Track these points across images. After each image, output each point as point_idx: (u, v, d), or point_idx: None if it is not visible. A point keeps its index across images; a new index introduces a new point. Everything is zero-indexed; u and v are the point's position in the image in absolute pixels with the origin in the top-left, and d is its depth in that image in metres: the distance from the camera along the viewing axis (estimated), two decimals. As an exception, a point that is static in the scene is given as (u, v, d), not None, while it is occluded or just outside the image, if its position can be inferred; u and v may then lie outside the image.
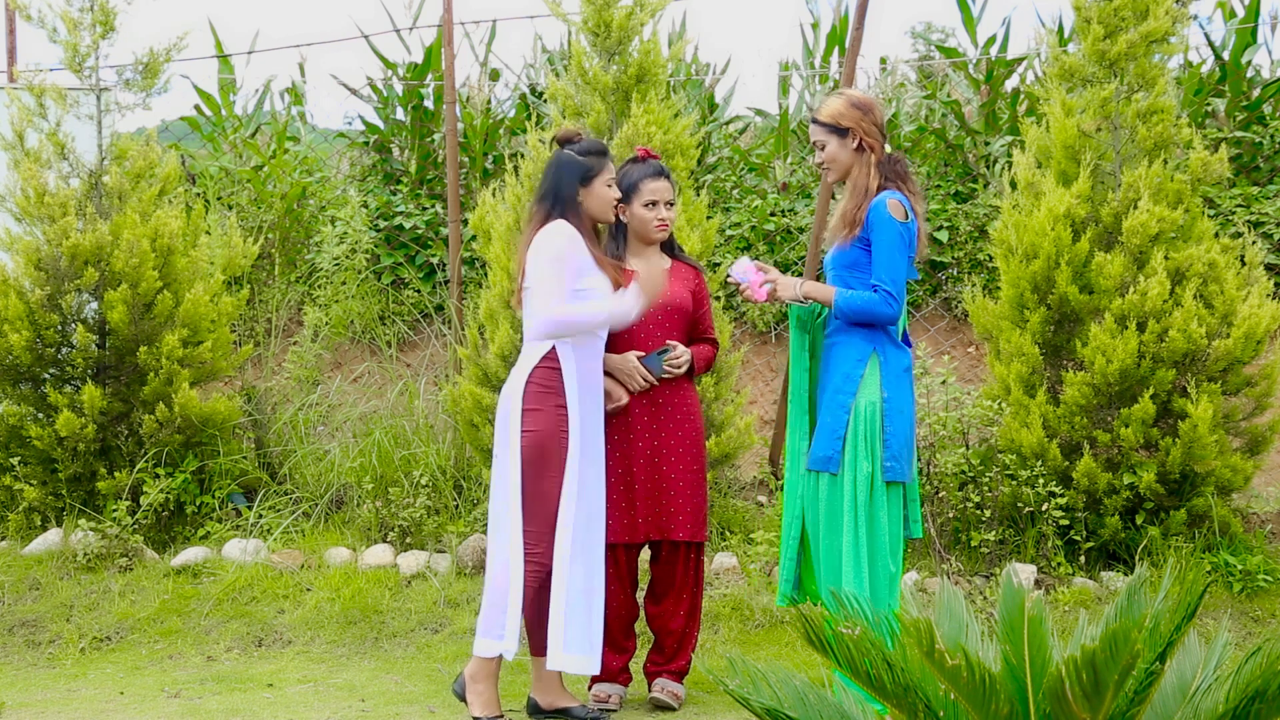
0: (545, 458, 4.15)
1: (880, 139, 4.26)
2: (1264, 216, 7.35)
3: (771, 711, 2.55)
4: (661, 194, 4.49)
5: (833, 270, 4.33)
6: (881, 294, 4.16)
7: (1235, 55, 7.99)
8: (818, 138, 4.32)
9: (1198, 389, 5.51)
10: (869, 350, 4.20)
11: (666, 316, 4.49)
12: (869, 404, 4.15)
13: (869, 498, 4.13)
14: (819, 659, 2.54)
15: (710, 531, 6.03)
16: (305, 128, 9.04)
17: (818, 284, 4.35)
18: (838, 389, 4.19)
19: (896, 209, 4.18)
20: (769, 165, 8.44)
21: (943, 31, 11.80)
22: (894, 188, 4.24)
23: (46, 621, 5.45)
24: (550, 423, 4.16)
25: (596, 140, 4.43)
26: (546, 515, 4.16)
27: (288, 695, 4.70)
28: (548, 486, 4.15)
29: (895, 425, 4.16)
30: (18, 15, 6.32)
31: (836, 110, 4.26)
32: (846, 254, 4.26)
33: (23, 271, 6.00)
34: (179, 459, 6.10)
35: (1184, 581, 5.16)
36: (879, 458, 4.14)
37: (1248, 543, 5.69)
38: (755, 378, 7.46)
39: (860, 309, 4.18)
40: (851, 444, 4.15)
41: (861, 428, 4.14)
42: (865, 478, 4.13)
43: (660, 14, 6.00)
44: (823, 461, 4.18)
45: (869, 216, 4.19)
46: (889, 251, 4.15)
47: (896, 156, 4.31)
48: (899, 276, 4.18)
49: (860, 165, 4.25)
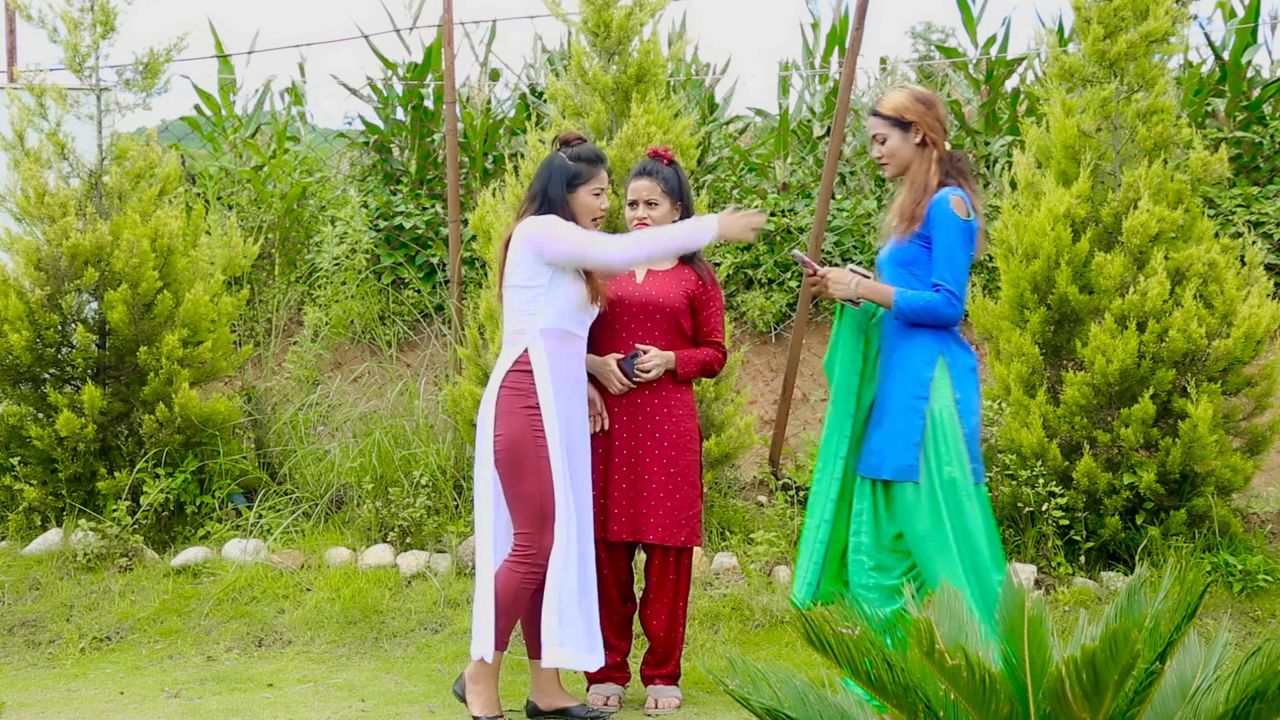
0: (520, 461, 4.14)
1: (942, 135, 4.16)
2: (1264, 216, 7.35)
3: (771, 711, 2.55)
4: (640, 193, 4.49)
5: (888, 267, 4.21)
6: (944, 294, 4.05)
7: (1235, 55, 7.99)
8: (878, 130, 4.20)
9: (1198, 389, 5.51)
10: (937, 352, 4.08)
11: (646, 315, 4.47)
12: (944, 408, 4.05)
13: (960, 503, 4.02)
14: (819, 659, 2.54)
15: (710, 532, 6.03)
16: (305, 128, 9.04)
17: (874, 283, 4.20)
18: (909, 394, 4.08)
19: (959, 206, 4.08)
20: (769, 165, 8.44)
21: (943, 31, 11.80)
22: (954, 184, 4.13)
23: (46, 621, 5.45)
24: (521, 426, 4.15)
25: (594, 148, 4.42)
26: (533, 517, 4.15)
27: (288, 695, 4.70)
28: (528, 489, 4.14)
29: (971, 426, 4.07)
30: (18, 15, 6.31)
31: (900, 104, 4.16)
32: (904, 250, 4.15)
33: (23, 271, 6.00)
34: (179, 459, 6.10)
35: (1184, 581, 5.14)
36: (964, 460, 4.03)
37: (1248, 543, 5.69)
38: (755, 378, 7.46)
39: (922, 309, 4.07)
40: (932, 450, 4.04)
41: (940, 432, 4.03)
42: (950, 483, 4.02)
43: (660, 14, 6.00)
44: (905, 470, 4.06)
45: (930, 213, 4.08)
46: (951, 250, 4.05)
47: (957, 154, 4.21)
48: (961, 276, 4.08)
49: (921, 161, 4.15)
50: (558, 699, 4.35)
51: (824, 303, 7.70)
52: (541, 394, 4.17)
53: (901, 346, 4.14)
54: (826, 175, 6.25)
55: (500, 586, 4.16)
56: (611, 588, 4.53)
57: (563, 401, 4.21)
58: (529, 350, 4.19)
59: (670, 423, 4.47)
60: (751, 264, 7.70)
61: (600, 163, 4.37)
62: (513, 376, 4.19)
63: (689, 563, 4.55)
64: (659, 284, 4.52)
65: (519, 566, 4.16)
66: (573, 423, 4.25)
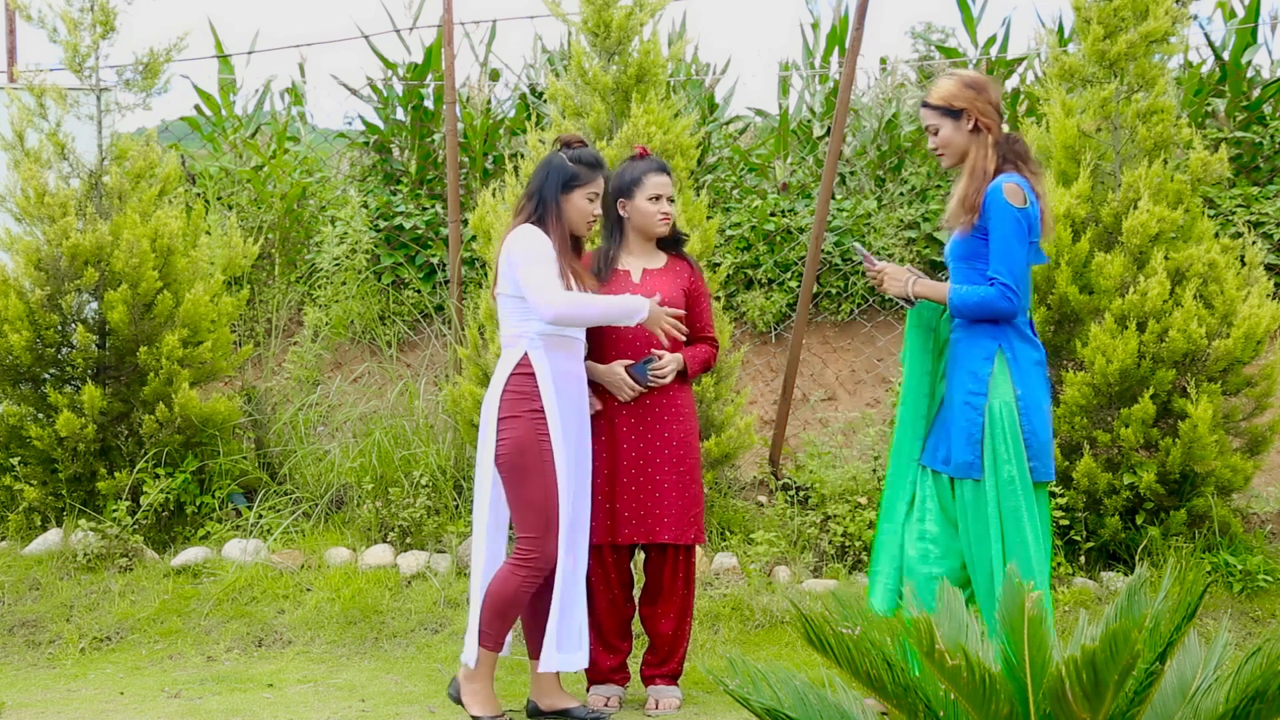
0: (526, 465, 4.13)
1: (997, 119, 4.07)
2: (1264, 216, 7.35)
3: (771, 711, 2.55)
4: (665, 189, 4.49)
5: (951, 261, 4.15)
6: (998, 287, 3.97)
7: (1235, 55, 7.99)
8: (930, 121, 4.13)
9: (1198, 389, 5.51)
10: (994, 347, 4.02)
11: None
12: (1003, 404, 3.98)
13: (1015, 503, 3.96)
14: (819, 659, 2.54)
15: (710, 532, 6.03)
16: (305, 128, 9.04)
17: (930, 281, 4.16)
18: (967, 390, 4.03)
19: (1014, 194, 3.99)
20: (769, 165, 8.44)
21: (943, 31, 11.78)
22: (1012, 169, 4.05)
23: (46, 621, 5.45)
24: (527, 429, 4.14)
25: (594, 152, 4.40)
26: (537, 522, 4.14)
27: (288, 695, 4.70)
28: (533, 493, 4.13)
29: (1034, 423, 3.99)
30: (18, 15, 6.31)
31: (949, 91, 4.08)
32: (966, 244, 4.08)
33: (23, 271, 6.00)
34: (179, 459, 6.10)
35: (1184, 581, 5.17)
36: (1024, 459, 3.97)
37: (1248, 543, 5.69)
38: (755, 378, 7.45)
39: (977, 305, 4.00)
40: (990, 447, 3.99)
41: (999, 429, 3.97)
42: (1008, 481, 3.96)
43: (660, 14, 6.00)
44: (965, 468, 4.01)
45: (985, 202, 4.00)
46: (1005, 241, 3.96)
47: (1015, 136, 4.11)
48: (1016, 268, 3.98)
49: (977, 147, 4.06)
50: (558, 699, 4.35)
51: (824, 303, 7.70)
52: (545, 396, 4.16)
53: (963, 341, 4.08)
54: (826, 175, 6.24)
55: (499, 588, 4.16)
56: (616, 589, 4.53)
57: (566, 403, 4.20)
58: (529, 353, 4.18)
59: (678, 422, 4.48)
60: (752, 264, 7.70)
61: (599, 168, 4.35)
62: (515, 380, 4.18)
63: (693, 560, 4.56)
64: (658, 283, 4.51)
65: (520, 570, 4.15)
66: (574, 425, 4.24)
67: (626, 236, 4.55)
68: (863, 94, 8.93)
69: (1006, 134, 4.10)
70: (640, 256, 4.55)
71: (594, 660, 4.51)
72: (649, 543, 4.46)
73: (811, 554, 5.85)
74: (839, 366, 7.50)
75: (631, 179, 4.48)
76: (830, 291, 7.67)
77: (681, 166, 5.87)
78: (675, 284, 4.53)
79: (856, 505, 5.88)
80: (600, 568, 4.48)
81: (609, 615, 4.52)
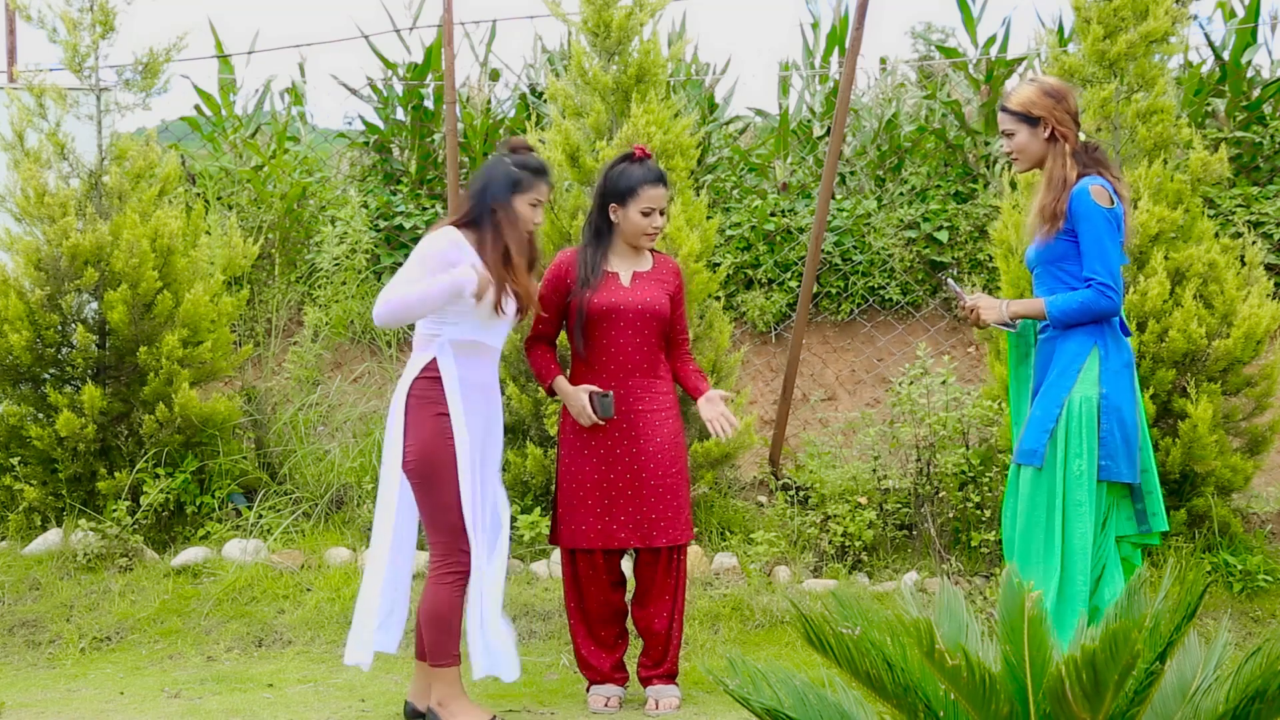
0: (435, 469, 4.08)
1: (1074, 127, 4.09)
2: (1264, 216, 7.35)
3: (771, 711, 2.55)
4: (660, 202, 4.44)
5: (1038, 266, 4.15)
6: (1096, 287, 3.97)
7: (1235, 55, 7.99)
8: (1007, 126, 4.14)
9: (1198, 389, 5.51)
10: (1090, 344, 4.01)
11: (644, 323, 4.44)
12: (1084, 399, 3.97)
13: (1079, 499, 3.94)
14: (819, 659, 2.54)
15: (710, 532, 6.03)
16: (305, 128, 9.05)
17: (1023, 300, 4.16)
18: (1053, 383, 4.02)
19: (1101, 195, 4.00)
20: (769, 165, 8.44)
21: (943, 31, 11.79)
22: (1094, 174, 4.05)
23: (46, 621, 5.45)
24: (433, 433, 4.08)
25: (540, 160, 4.32)
26: (451, 526, 4.10)
27: (288, 695, 4.70)
28: (445, 499, 4.09)
29: (1111, 422, 3.97)
30: (18, 15, 6.31)
31: (1028, 98, 4.09)
32: (1052, 248, 4.07)
33: (23, 271, 6.00)
34: (179, 459, 6.10)
35: (1184, 582, 5.16)
36: (1094, 455, 3.95)
37: (1248, 543, 5.69)
38: (755, 378, 7.45)
39: (1079, 309, 4.00)
40: (1062, 439, 3.97)
41: (1075, 423, 3.96)
42: (1076, 475, 3.95)
43: (660, 14, 6.00)
44: (1027, 454, 4.01)
45: (1071, 206, 4.00)
46: (1098, 240, 3.97)
47: (1093, 144, 4.13)
48: (1113, 265, 3.99)
49: (1055, 156, 4.08)
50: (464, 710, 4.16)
51: (824, 303, 7.70)
52: (451, 401, 4.09)
53: (1059, 338, 4.07)
54: (826, 175, 6.24)
55: (431, 606, 4.10)
56: (609, 591, 4.52)
57: (472, 409, 4.13)
58: (438, 358, 4.12)
59: (667, 425, 4.48)
60: (752, 264, 7.70)
61: (543, 175, 4.26)
62: (420, 383, 4.12)
63: (685, 559, 4.56)
64: (648, 289, 4.48)
65: (446, 577, 4.10)
66: (482, 429, 4.18)
67: (615, 240, 4.51)
68: (863, 94, 8.94)
69: (1084, 142, 4.12)
70: (628, 259, 4.52)
71: (592, 661, 4.51)
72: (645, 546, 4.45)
73: (811, 554, 5.85)
74: (839, 366, 7.51)
75: (627, 186, 4.41)
76: (830, 291, 7.68)
77: (681, 166, 5.87)
78: (663, 289, 4.51)
79: (856, 505, 5.88)
80: (591, 569, 4.48)
81: (603, 616, 4.52)
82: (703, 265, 5.87)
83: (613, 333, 4.42)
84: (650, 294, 4.46)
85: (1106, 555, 4.05)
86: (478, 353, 4.18)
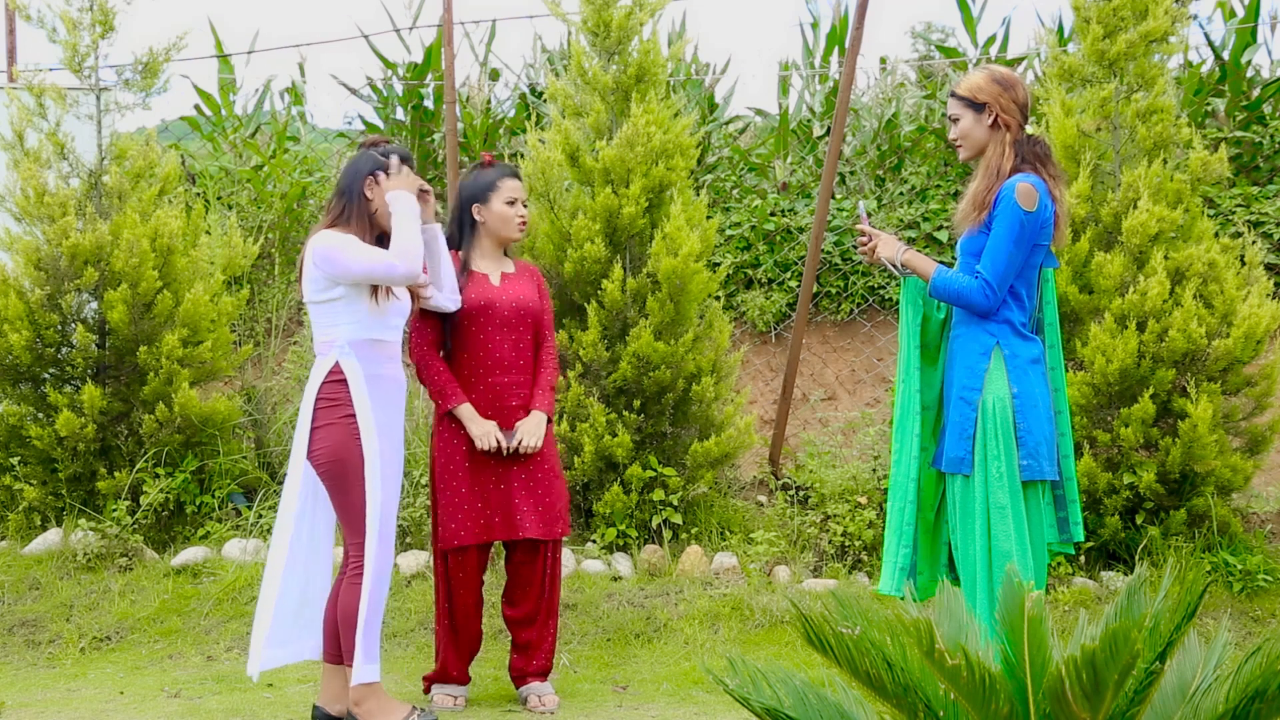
0: (346, 470, 4.08)
1: (1019, 118, 4.04)
2: (1264, 216, 7.35)
3: (771, 711, 2.55)
4: (520, 193, 4.53)
5: (961, 257, 4.13)
6: (980, 282, 3.95)
7: (1235, 55, 7.99)
8: (953, 111, 4.12)
9: (1198, 389, 5.51)
10: (991, 343, 3.99)
11: (519, 320, 4.50)
12: (997, 399, 3.94)
13: (1000, 501, 3.91)
14: (819, 659, 2.54)
15: (710, 532, 6.03)
16: (305, 128, 9.05)
17: (923, 256, 4.12)
18: (963, 385, 4.00)
19: (1026, 196, 3.94)
20: (769, 165, 8.45)
21: (943, 31, 11.78)
22: (1030, 170, 4.01)
23: (46, 621, 5.45)
24: (341, 435, 4.08)
25: (401, 146, 4.32)
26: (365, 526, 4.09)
27: (288, 695, 4.70)
28: (357, 499, 4.09)
29: (1029, 420, 3.95)
30: (18, 15, 6.31)
31: (975, 84, 4.06)
32: (975, 240, 4.04)
33: (23, 271, 6.00)
34: (179, 459, 6.10)
35: (1184, 581, 5.16)
36: (1014, 455, 3.93)
37: (1248, 543, 5.69)
38: (755, 378, 7.46)
39: (955, 292, 3.98)
40: (981, 442, 3.94)
41: (991, 425, 3.94)
42: (996, 477, 3.92)
43: (660, 14, 6.01)
44: (955, 463, 3.98)
45: (996, 199, 3.97)
46: (1003, 242, 3.93)
47: (1037, 138, 4.08)
48: (1002, 268, 3.94)
49: (995, 144, 4.03)
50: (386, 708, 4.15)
51: (824, 302, 7.70)
52: (358, 402, 4.09)
53: (961, 335, 4.06)
54: (826, 175, 6.25)
55: (347, 604, 4.09)
56: (477, 591, 4.52)
57: (380, 405, 4.14)
58: (340, 361, 4.11)
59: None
60: (752, 264, 7.70)
61: (408, 161, 4.27)
62: (327, 388, 4.11)
63: (559, 555, 4.56)
64: (519, 287, 4.54)
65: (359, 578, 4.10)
66: (389, 430, 4.18)
67: (480, 241, 4.56)
68: (863, 94, 8.94)
69: (1029, 135, 4.07)
70: (493, 260, 4.57)
71: (449, 665, 4.52)
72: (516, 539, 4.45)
73: (811, 554, 5.85)
74: (839, 366, 7.51)
75: (486, 183, 4.51)
76: (830, 291, 7.68)
77: (681, 166, 5.87)
78: (531, 286, 4.59)
79: (856, 505, 5.88)
80: (462, 571, 4.46)
81: (473, 617, 4.52)
82: (702, 265, 5.87)
83: (489, 328, 4.46)
84: (521, 291, 4.53)
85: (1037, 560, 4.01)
86: (379, 348, 4.18)
